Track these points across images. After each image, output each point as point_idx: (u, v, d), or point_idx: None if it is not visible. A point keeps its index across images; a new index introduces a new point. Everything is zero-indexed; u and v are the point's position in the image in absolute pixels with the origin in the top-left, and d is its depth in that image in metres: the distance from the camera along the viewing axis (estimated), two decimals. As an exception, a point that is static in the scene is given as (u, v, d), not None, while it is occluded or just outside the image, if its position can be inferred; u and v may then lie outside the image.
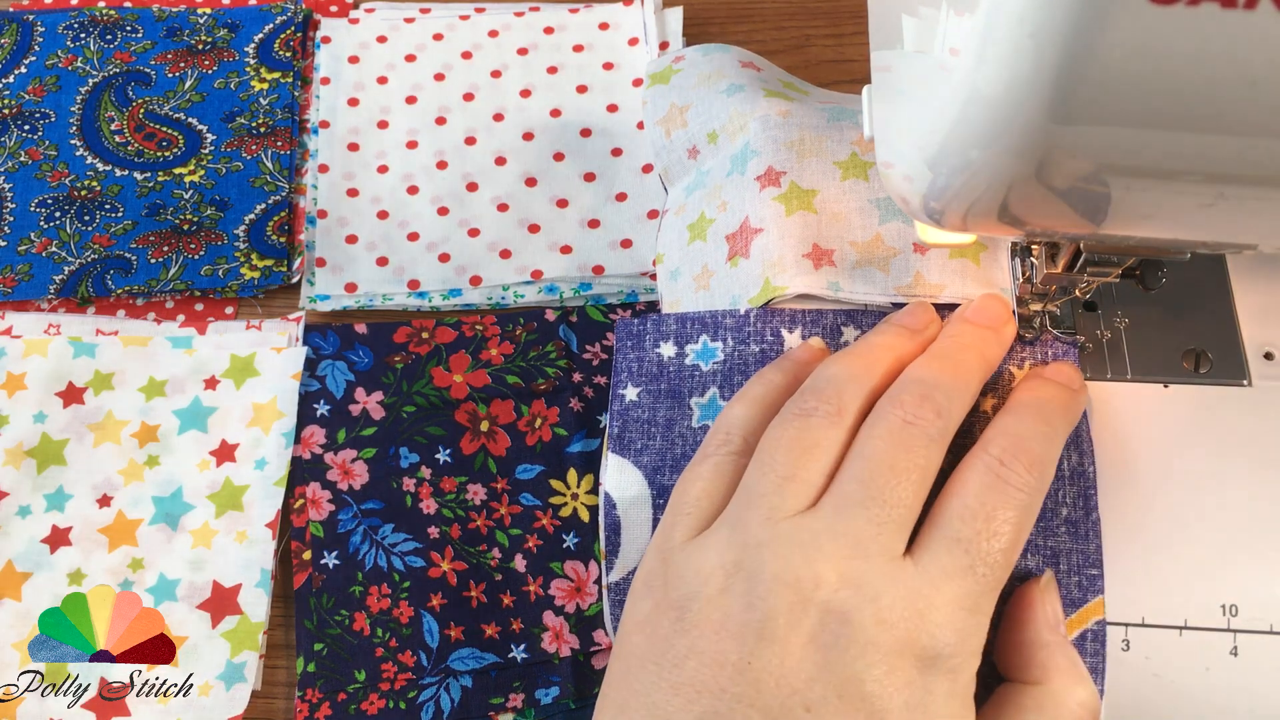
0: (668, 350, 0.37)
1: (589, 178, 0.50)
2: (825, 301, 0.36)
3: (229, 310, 0.47)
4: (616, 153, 0.50)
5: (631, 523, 0.35)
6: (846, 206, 0.37)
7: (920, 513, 0.28)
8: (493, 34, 0.54)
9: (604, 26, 0.54)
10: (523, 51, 0.54)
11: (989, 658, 0.30)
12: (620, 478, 0.36)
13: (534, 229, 0.48)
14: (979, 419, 0.33)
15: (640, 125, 0.51)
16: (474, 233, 0.48)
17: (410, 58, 0.53)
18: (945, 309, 0.35)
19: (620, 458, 0.36)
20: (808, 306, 0.36)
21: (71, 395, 0.44)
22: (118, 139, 0.50)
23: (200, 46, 0.53)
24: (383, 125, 0.52)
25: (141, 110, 0.51)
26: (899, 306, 0.35)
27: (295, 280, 0.48)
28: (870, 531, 0.27)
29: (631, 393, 0.37)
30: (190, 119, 0.51)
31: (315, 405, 0.44)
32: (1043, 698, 0.29)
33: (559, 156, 0.50)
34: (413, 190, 0.50)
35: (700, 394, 0.36)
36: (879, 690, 0.26)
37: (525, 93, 0.52)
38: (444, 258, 0.48)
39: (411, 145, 0.51)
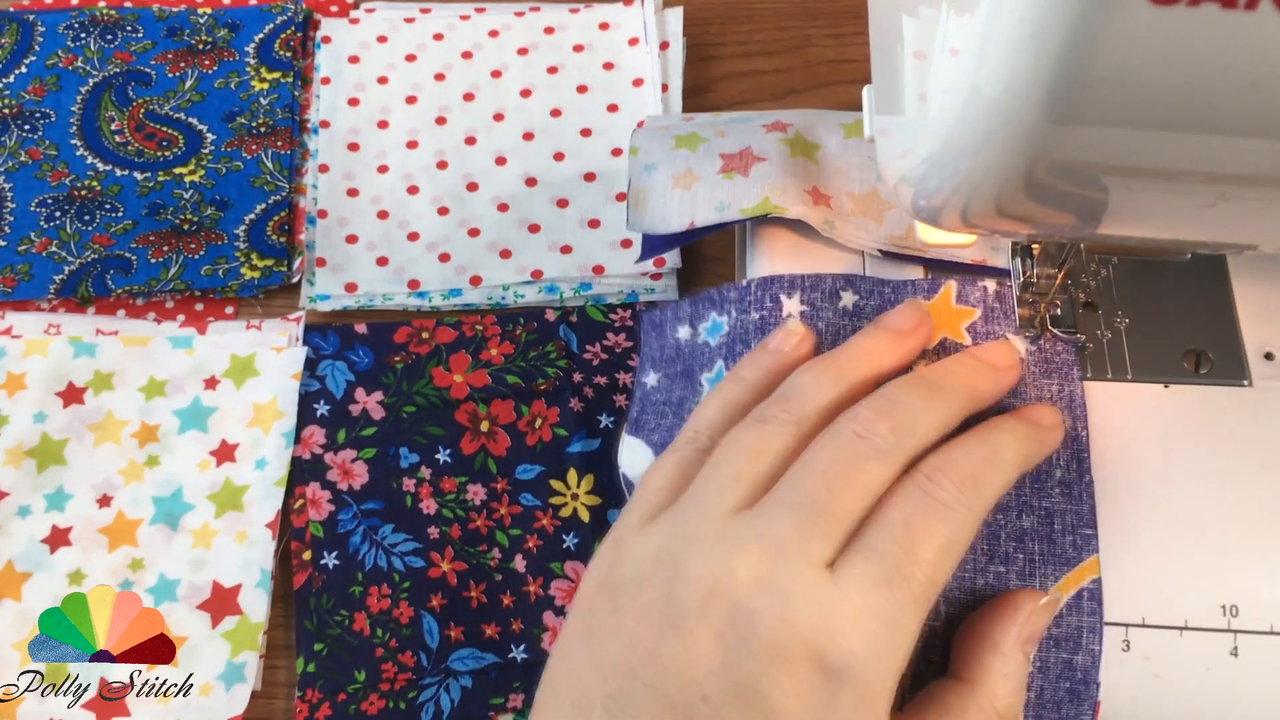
0: (684, 333, 0.38)
1: (589, 178, 0.50)
2: (819, 240, 0.37)
3: (229, 310, 0.47)
4: (616, 153, 0.50)
5: None
6: (846, 162, 0.38)
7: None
8: (493, 34, 0.54)
9: (604, 26, 0.54)
10: (523, 51, 0.54)
11: (944, 660, 0.30)
12: (633, 457, 0.37)
13: (534, 229, 0.48)
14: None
15: (641, 124, 0.51)
16: (474, 233, 0.48)
17: (410, 58, 0.53)
18: (935, 264, 0.36)
19: (635, 438, 0.37)
20: (805, 270, 0.36)
21: (71, 395, 0.44)
22: (118, 139, 0.50)
23: (200, 46, 0.53)
24: (383, 125, 0.52)
25: (141, 110, 0.51)
26: (887, 255, 0.36)
27: (295, 280, 0.48)
28: (794, 537, 0.27)
29: (652, 378, 0.38)
30: (190, 119, 0.51)
31: (315, 405, 0.44)
32: (967, 696, 0.28)
33: (559, 156, 0.50)
34: (413, 190, 0.50)
35: (709, 369, 0.36)
36: (777, 693, 0.25)
37: (525, 93, 0.52)
38: (444, 258, 0.48)
39: (412, 145, 0.51)
